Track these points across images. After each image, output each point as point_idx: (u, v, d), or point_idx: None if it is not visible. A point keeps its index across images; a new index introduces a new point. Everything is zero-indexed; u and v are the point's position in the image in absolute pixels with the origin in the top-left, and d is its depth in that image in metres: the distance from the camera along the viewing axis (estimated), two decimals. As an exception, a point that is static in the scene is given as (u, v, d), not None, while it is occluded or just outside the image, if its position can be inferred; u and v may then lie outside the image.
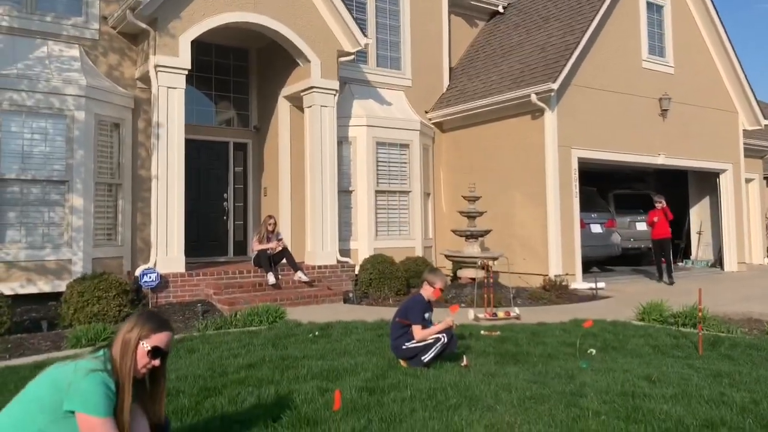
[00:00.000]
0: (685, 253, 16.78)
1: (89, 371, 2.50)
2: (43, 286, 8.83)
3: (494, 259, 10.26)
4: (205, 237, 11.90)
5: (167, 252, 9.29)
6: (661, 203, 12.36)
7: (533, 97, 11.22)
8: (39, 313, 8.37)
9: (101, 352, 2.65)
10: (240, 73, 12.54)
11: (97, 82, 9.53)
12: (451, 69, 14.30)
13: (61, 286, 8.48)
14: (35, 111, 8.84)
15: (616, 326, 7.28)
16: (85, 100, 9.14)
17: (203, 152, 11.96)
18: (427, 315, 5.23)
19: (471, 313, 8.10)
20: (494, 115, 12.43)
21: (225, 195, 12.37)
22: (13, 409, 2.54)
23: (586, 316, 7.92)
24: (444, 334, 5.14)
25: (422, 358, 5.09)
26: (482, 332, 6.85)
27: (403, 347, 5.15)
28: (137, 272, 9.02)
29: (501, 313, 8.15)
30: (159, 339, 2.68)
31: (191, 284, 9.41)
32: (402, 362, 5.21)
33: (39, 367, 5.51)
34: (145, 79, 9.95)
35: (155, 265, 9.13)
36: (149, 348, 2.64)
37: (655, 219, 12.35)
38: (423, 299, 5.25)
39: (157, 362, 2.65)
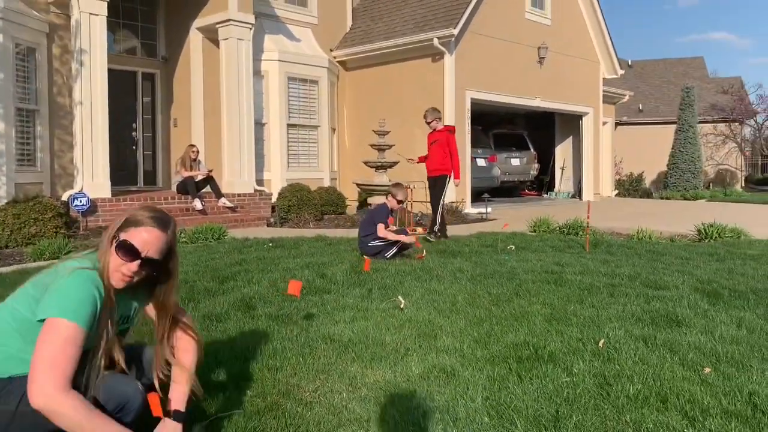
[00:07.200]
0: (550, 186, 19.13)
1: (74, 269, 1.90)
2: (-34, 210, 8.68)
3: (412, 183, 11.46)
4: (114, 166, 11.88)
5: (93, 177, 9.48)
6: (435, 120, 8.48)
7: (435, 41, 12.31)
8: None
9: (91, 251, 2.06)
10: (146, 1, 12.39)
11: (12, 4, 9.25)
12: (353, 9, 14.98)
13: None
14: (-51, 30, 8.51)
15: (516, 236, 8.77)
16: (3, 23, 8.90)
17: (109, 81, 11.81)
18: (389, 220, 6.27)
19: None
20: (397, 57, 13.41)
21: (134, 125, 12.40)
22: None
23: (487, 231, 9.37)
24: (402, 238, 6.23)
25: (385, 255, 6.15)
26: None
27: (369, 244, 6.17)
28: (64, 197, 9.15)
29: (419, 229, 9.37)
30: (136, 235, 1.96)
31: (119, 209, 9.65)
32: (366, 258, 6.22)
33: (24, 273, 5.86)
34: (60, 4, 9.77)
35: (82, 189, 9.29)
36: (119, 241, 1.95)
37: (432, 142, 8.53)
38: (387, 208, 6.29)
39: (133, 266, 1.95)
